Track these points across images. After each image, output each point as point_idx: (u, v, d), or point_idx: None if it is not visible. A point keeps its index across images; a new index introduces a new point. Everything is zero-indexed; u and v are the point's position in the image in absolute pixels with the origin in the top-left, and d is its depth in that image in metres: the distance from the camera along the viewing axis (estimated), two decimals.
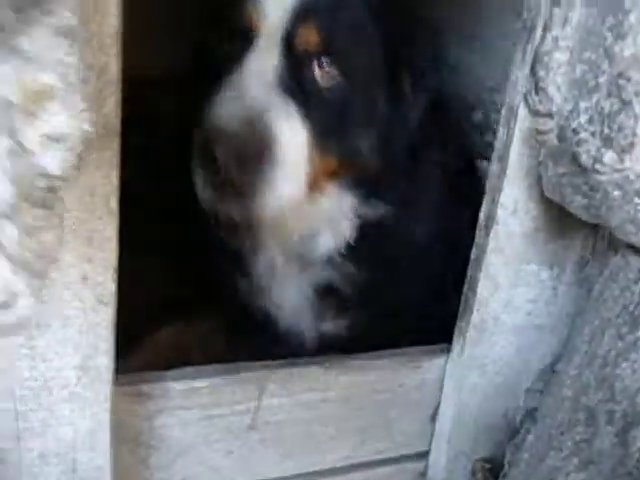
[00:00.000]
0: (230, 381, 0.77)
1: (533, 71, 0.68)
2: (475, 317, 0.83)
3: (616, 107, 0.58)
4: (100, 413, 0.65)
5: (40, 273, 0.34)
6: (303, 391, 0.81)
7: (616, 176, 0.60)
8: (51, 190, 0.32)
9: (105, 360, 0.63)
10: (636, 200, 0.61)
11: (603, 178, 0.61)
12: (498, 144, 0.78)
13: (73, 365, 0.61)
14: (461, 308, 0.85)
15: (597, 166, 0.61)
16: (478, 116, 1.34)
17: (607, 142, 0.60)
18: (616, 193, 0.61)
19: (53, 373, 0.60)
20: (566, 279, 0.84)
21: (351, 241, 0.87)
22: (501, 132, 0.77)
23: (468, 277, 0.84)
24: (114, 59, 0.41)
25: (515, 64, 0.74)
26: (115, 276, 0.57)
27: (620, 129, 0.58)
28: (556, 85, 0.65)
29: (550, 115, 0.66)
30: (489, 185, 0.80)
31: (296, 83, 0.74)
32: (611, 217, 0.63)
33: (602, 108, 0.60)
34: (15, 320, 0.34)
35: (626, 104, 0.58)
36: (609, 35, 0.60)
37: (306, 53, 0.75)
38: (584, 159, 0.62)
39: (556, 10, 0.65)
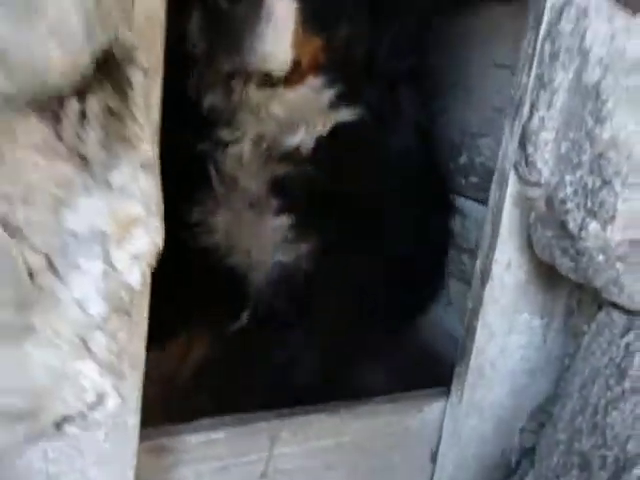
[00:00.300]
0: (245, 431, 0.81)
1: (522, 145, 0.75)
2: (473, 363, 0.89)
3: (598, 184, 0.66)
4: (127, 471, 0.68)
5: (121, 373, 0.38)
6: (314, 438, 0.85)
7: (600, 243, 0.68)
8: (131, 299, 0.37)
9: (133, 419, 0.67)
10: (618, 265, 0.68)
11: (588, 244, 0.69)
12: (491, 205, 0.85)
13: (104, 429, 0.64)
14: (459, 354, 0.91)
15: (582, 234, 0.68)
16: (463, 159, 1.43)
17: (591, 214, 0.67)
18: (600, 258, 0.68)
19: (84, 434, 0.63)
20: (555, 326, 0.91)
21: (321, 138, 0.86)
22: (493, 195, 0.85)
23: (466, 325, 0.90)
24: None
25: (505, 135, 0.82)
26: (144, 344, 0.61)
27: (602, 204, 0.66)
28: (544, 160, 0.72)
29: (539, 185, 0.74)
30: (483, 244, 0.87)
31: None
32: (596, 279, 0.70)
33: (586, 184, 0.68)
34: (102, 418, 0.38)
35: (607, 182, 0.65)
36: (590, 119, 0.67)
37: None
38: (571, 226, 0.69)
39: (542, 93, 0.73)
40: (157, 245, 0.37)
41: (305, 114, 0.87)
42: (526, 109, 0.76)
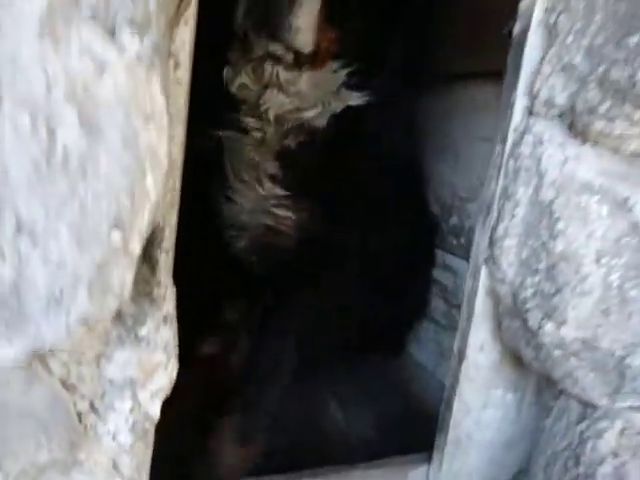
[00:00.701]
0: None
1: (491, 246, 0.86)
2: (451, 435, 0.97)
3: (552, 291, 0.76)
4: None
5: None
6: None
7: (556, 340, 0.77)
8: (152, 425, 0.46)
9: None
10: (572, 360, 0.77)
11: (546, 340, 0.78)
12: (466, 292, 0.95)
13: None
14: (439, 426, 1.00)
15: (540, 331, 0.78)
16: (454, 220, 1.54)
17: (547, 315, 0.77)
18: (556, 353, 0.78)
19: None
20: (527, 401, 1.00)
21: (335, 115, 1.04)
22: (468, 283, 0.95)
23: (444, 400, 0.99)
24: None
25: (477, 233, 0.92)
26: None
27: (555, 308, 0.75)
28: (508, 262, 0.83)
29: (504, 282, 0.84)
30: (460, 325, 0.96)
31: None
32: (554, 371, 0.79)
33: (542, 289, 0.77)
34: None
35: (559, 290, 0.75)
36: (545, 232, 0.78)
37: None
38: (531, 324, 0.79)
39: (506, 203, 0.84)
40: (173, 379, 0.47)
41: (323, 94, 1.03)
42: (494, 216, 0.87)
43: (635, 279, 0.74)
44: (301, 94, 1.03)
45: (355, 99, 1.05)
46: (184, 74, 0.63)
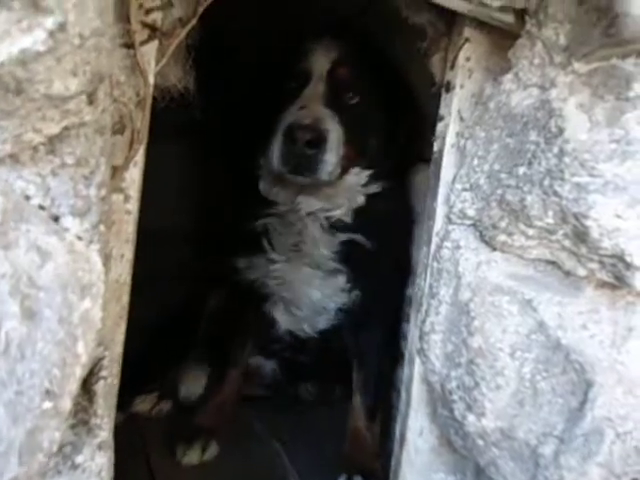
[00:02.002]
0: None
1: (420, 339, 0.94)
2: None
3: (472, 384, 0.84)
4: None
5: None
6: None
7: (478, 430, 0.84)
8: None
9: None
10: (493, 449, 0.84)
11: (470, 429, 0.85)
12: (404, 379, 1.03)
13: None
14: None
15: (465, 421, 0.85)
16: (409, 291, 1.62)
17: (468, 407, 0.84)
18: (479, 442, 0.85)
19: None
20: None
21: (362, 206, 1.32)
22: (406, 370, 1.02)
23: None
24: None
25: (410, 325, 1.01)
26: None
27: (475, 401, 0.83)
28: (435, 355, 0.91)
29: (434, 373, 0.92)
30: (400, 410, 1.03)
31: (335, 102, 1.23)
32: (480, 459, 0.86)
33: (464, 382, 0.85)
34: None
35: (477, 384, 0.83)
36: (464, 330, 0.87)
37: (341, 84, 1.25)
38: (456, 414, 0.86)
39: (432, 301, 0.93)
40: None
41: (349, 194, 1.31)
42: (423, 311, 0.96)
43: (544, 372, 0.83)
44: (330, 197, 1.29)
45: (372, 189, 1.33)
46: (134, 205, 0.72)
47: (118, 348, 0.62)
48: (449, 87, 0.94)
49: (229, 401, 1.44)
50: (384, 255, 1.31)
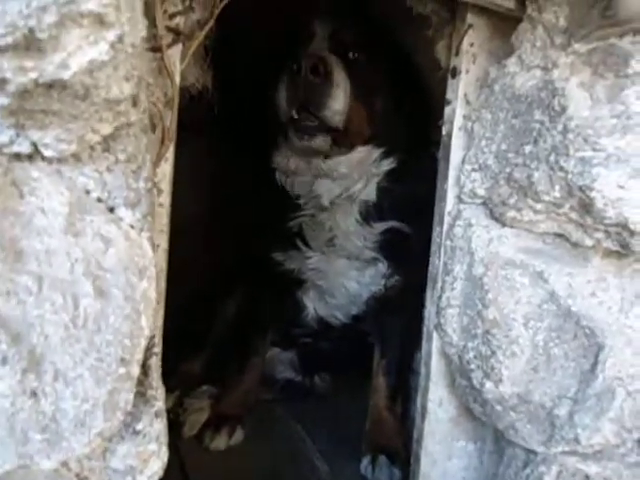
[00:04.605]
0: None
1: (437, 314, 0.99)
2: None
3: (489, 353, 0.89)
4: None
5: None
6: None
7: (496, 396, 0.89)
8: None
9: None
10: (511, 413, 0.89)
11: (488, 397, 0.90)
12: (423, 354, 1.08)
13: None
14: (410, 478, 1.10)
15: (483, 389, 0.90)
16: None
17: (486, 375, 0.89)
18: (498, 407, 0.90)
19: None
20: (487, 449, 1.10)
21: (379, 182, 1.33)
22: (425, 346, 1.07)
23: (413, 453, 1.09)
24: None
25: (427, 302, 1.06)
26: None
27: (492, 369, 0.88)
28: (452, 328, 0.96)
29: (451, 345, 0.97)
30: (420, 383, 1.08)
31: (340, 57, 1.22)
32: (498, 423, 0.91)
33: (480, 351, 0.90)
34: None
35: (494, 353, 0.88)
36: (479, 303, 0.92)
37: (344, 44, 1.26)
38: (474, 382, 0.91)
39: (446, 278, 0.98)
40: (165, 464, 0.58)
41: (363, 170, 1.31)
42: (438, 288, 1.01)
43: (557, 339, 0.88)
44: (345, 176, 1.30)
45: (386, 165, 1.33)
46: (165, 198, 0.77)
47: (160, 330, 0.67)
48: (455, 72, 0.98)
49: (252, 389, 1.47)
50: (418, 236, 1.26)
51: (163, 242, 0.78)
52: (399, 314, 1.39)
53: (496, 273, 0.91)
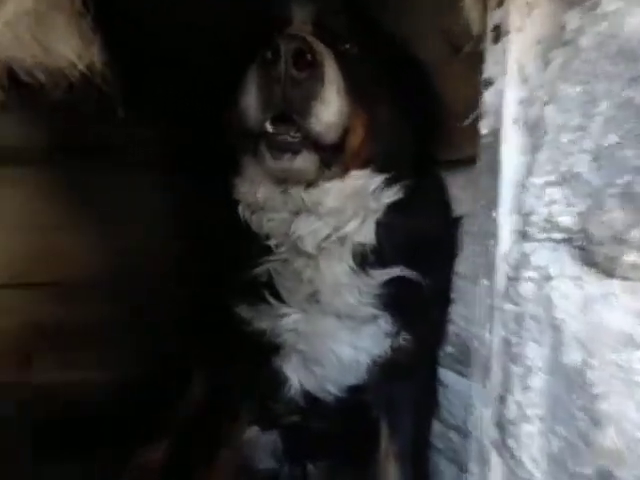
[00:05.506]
0: None
1: (499, 428, 0.59)
2: None
3: None
4: None
5: None
6: None
7: None
8: None
9: None
10: None
11: None
12: None
13: None
14: None
15: None
16: None
17: None
18: None
19: None
20: None
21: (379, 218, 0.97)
22: (472, 469, 0.66)
23: None
24: None
25: (475, 397, 0.66)
26: None
27: None
28: (531, 457, 0.55)
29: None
30: None
31: (327, 45, 0.88)
32: None
33: None
34: None
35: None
36: (580, 414, 0.52)
37: (331, 32, 0.93)
38: None
39: (513, 367, 0.58)
40: None
41: (360, 202, 0.96)
42: (496, 382, 0.60)
43: None
44: (335, 212, 0.95)
45: (390, 196, 0.98)
46: None
47: None
48: (498, 34, 0.62)
49: None
50: (430, 285, 0.99)
51: None
52: (411, 380, 1.07)
53: (604, 357, 0.52)
